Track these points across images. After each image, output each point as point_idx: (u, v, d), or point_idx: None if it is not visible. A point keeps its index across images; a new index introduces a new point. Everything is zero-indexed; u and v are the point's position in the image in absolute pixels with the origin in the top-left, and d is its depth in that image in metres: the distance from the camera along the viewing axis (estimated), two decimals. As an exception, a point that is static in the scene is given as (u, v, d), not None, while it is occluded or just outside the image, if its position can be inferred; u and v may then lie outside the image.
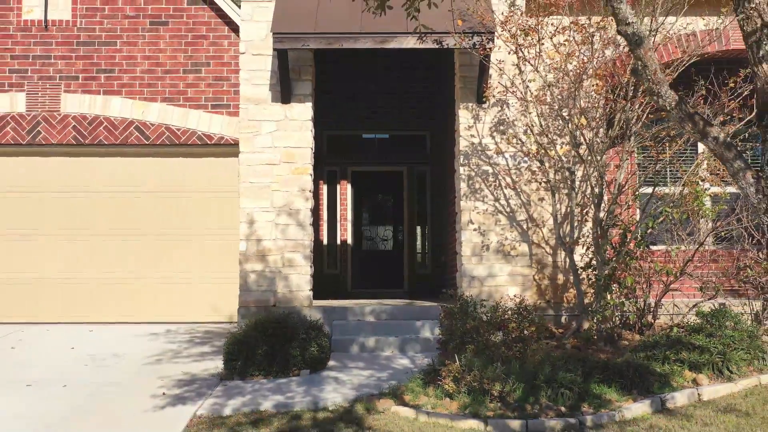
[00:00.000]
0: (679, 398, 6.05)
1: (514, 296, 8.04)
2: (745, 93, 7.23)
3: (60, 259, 10.07)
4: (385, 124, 12.72)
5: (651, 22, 7.24)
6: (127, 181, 10.15)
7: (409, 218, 13.20)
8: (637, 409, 5.77)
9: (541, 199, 8.65)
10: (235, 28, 9.85)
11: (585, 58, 7.51)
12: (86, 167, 10.16)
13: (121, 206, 10.12)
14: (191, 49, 10.03)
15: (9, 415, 5.85)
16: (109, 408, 6.09)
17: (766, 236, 8.35)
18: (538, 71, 7.78)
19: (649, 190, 8.17)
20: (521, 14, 7.86)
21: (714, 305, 8.02)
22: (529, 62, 7.76)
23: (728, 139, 3.09)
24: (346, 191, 13.12)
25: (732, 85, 7.31)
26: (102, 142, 9.98)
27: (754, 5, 2.76)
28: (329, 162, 12.76)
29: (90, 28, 10.06)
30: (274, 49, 8.10)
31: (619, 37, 7.63)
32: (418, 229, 13.30)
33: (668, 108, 3.10)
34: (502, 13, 7.87)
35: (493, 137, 8.55)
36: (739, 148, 3.14)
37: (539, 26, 7.64)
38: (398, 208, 13.61)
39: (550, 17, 7.63)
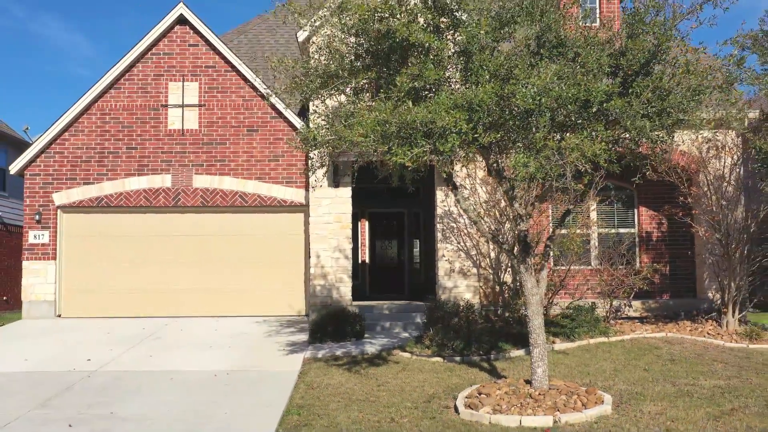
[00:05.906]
0: (542, 349, 12.14)
1: (466, 299, 14.18)
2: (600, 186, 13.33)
3: (191, 277, 16.22)
4: (391, 180, 18.72)
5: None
6: (233, 228, 16.30)
7: (408, 244, 19.34)
8: (518, 353, 11.87)
9: (487, 242, 14.76)
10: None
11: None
12: (207, 220, 16.32)
13: (229, 244, 16.28)
14: (273, 146, 16.19)
15: (210, 359, 11.94)
16: (259, 355, 12.18)
17: (610, 262, 14.49)
18: (475, 182, 13.96)
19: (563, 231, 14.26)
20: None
21: (587, 303, 14.12)
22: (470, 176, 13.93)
23: (513, 251, 9.19)
24: (364, 226, 19.24)
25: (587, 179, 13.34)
26: (218, 205, 16.13)
27: (516, 206, 8.84)
28: (354, 206, 18.80)
29: (210, 134, 16.23)
30: (329, 160, 14.22)
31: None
32: (415, 252, 19.43)
33: (491, 239, 9.19)
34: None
35: (457, 207, 14.67)
36: (519, 257, 9.19)
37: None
38: (401, 237, 19.73)
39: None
